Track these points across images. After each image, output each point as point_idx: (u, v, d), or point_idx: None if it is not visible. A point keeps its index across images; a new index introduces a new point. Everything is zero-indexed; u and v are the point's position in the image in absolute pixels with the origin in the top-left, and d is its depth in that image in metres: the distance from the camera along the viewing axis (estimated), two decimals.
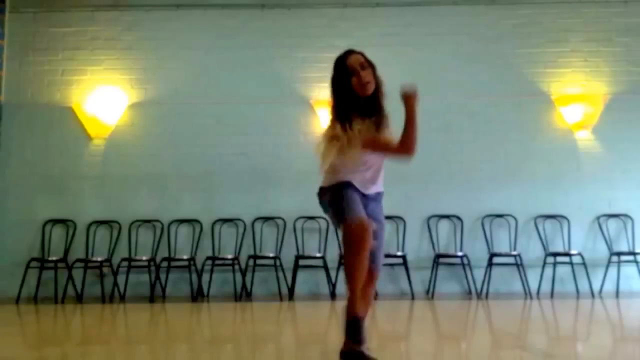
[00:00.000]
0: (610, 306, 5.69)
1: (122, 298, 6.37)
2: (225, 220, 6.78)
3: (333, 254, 6.51)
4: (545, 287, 6.42)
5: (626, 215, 6.73)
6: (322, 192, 2.88)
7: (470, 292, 6.54)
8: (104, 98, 6.92)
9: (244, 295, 6.40)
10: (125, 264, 6.41)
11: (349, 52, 2.85)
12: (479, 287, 6.44)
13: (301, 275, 6.51)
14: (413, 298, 6.30)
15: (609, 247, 6.59)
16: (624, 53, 7.00)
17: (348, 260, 2.66)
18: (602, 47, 7.01)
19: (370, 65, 2.83)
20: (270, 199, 6.82)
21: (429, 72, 6.87)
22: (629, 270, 6.51)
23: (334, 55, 2.88)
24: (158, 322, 5.30)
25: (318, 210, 2.97)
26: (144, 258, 6.48)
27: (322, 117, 6.79)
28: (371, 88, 2.79)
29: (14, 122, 6.91)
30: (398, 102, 2.79)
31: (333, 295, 6.37)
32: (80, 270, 6.42)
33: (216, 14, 7.10)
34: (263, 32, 7.03)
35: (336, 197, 2.76)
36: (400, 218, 6.68)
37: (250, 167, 6.83)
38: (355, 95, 2.78)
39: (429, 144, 6.82)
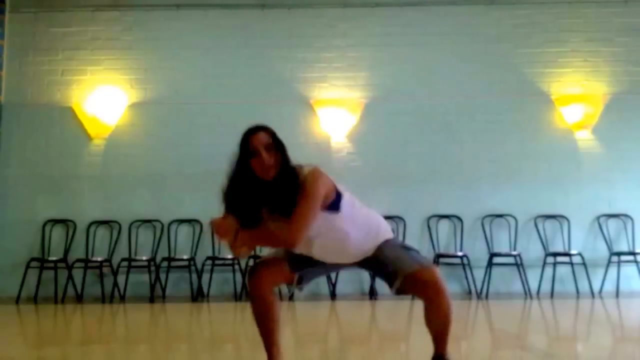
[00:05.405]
0: (610, 306, 5.69)
1: (122, 298, 6.37)
2: None
3: None
4: (545, 287, 6.42)
5: (626, 215, 6.73)
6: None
7: (470, 292, 6.53)
8: (104, 98, 6.91)
9: (243, 295, 6.39)
10: (125, 264, 6.41)
11: (255, 130, 2.47)
12: (479, 287, 6.44)
13: None
14: (413, 298, 6.28)
15: (609, 247, 6.58)
16: (624, 53, 7.00)
17: (447, 310, 2.52)
18: (602, 47, 7.00)
19: (279, 147, 2.45)
20: None
21: (429, 72, 6.84)
22: (629, 270, 6.50)
23: (334, 55, 2.86)
24: (158, 322, 5.30)
25: None
26: (144, 258, 6.48)
27: (322, 117, 6.79)
28: (271, 173, 2.42)
29: (14, 122, 6.90)
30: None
31: (333, 295, 6.36)
32: (80, 270, 6.42)
33: (216, 14, 7.09)
34: (263, 32, 7.02)
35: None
36: (400, 218, 6.68)
37: None
38: (256, 178, 2.45)
39: (429, 144, 6.92)
